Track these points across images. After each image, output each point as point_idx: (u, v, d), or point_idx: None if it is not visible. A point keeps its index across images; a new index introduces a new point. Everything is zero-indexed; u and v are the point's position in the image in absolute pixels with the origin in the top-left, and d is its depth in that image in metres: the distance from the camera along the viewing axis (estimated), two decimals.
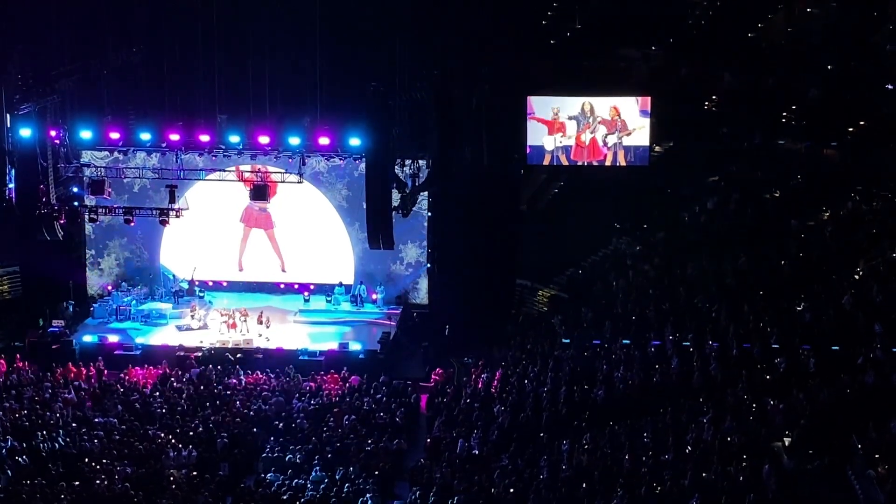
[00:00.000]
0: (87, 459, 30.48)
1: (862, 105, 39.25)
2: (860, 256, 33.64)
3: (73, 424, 32.58)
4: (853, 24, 40.09)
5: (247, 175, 39.17)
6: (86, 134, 38.37)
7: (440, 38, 38.31)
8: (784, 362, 30.00)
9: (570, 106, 39.36)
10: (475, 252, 40.12)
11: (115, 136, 38.39)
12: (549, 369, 33.99)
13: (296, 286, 43.28)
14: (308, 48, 36.43)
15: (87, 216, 39.78)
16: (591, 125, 39.45)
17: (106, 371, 36.64)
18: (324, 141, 37.33)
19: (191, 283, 42.77)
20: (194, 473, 30.09)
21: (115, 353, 38.17)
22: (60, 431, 31.88)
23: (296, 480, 29.81)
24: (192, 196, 40.78)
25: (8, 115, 35.57)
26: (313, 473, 30.10)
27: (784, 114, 41.68)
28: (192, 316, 40.71)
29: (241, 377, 36.11)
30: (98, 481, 29.05)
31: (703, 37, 42.61)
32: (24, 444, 31.06)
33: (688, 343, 32.98)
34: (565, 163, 39.80)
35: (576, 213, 42.06)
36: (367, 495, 28.84)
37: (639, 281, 38.77)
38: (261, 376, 36.22)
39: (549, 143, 39.57)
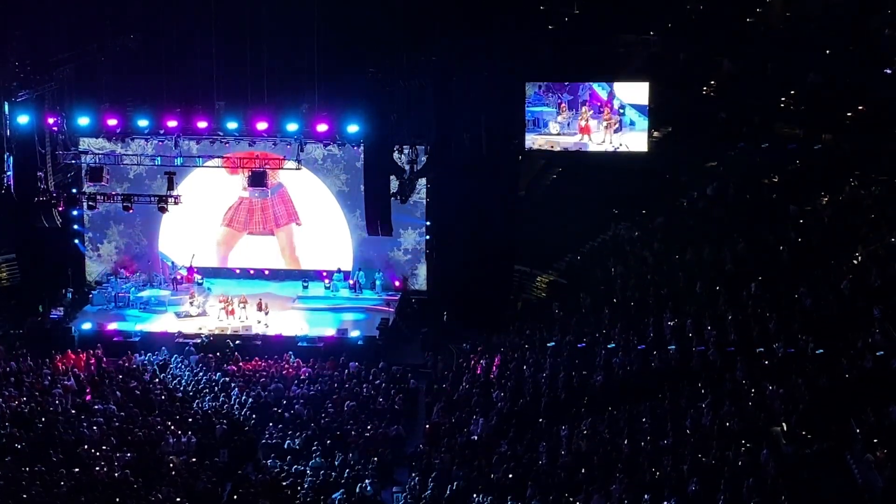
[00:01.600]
0: (86, 446, 30.50)
1: (861, 90, 39.23)
2: (859, 241, 33.61)
3: (73, 411, 32.62)
4: (852, 8, 40.05)
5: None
6: (84, 121, 38.26)
7: (438, 25, 38.19)
8: (783, 347, 30.02)
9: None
10: (474, 238, 40.06)
11: (112, 122, 38.26)
12: (548, 355, 34.02)
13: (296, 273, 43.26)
14: (306, 34, 36.31)
15: (85, 203, 39.68)
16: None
17: (105, 358, 36.66)
18: (322, 128, 37.21)
19: (189, 269, 42.73)
20: (193, 460, 30.15)
21: (114, 340, 38.19)
22: (60, 418, 31.92)
23: (295, 467, 29.88)
24: (190, 183, 40.74)
25: (6, 103, 35.52)
26: (313, 460, 30.17)
27: (783, 99, 41.70)
28: (191, 303, 40.66)
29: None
30: (97, 468, 29.11)
31: (701, 22, 42.53)
32: (24, 432, 31.10)
33: (686, 328, 33.02)
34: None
35: (574, 198, 42.01)
36: (367, 481, 28.90)
37: (638, 267, 38.75)
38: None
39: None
